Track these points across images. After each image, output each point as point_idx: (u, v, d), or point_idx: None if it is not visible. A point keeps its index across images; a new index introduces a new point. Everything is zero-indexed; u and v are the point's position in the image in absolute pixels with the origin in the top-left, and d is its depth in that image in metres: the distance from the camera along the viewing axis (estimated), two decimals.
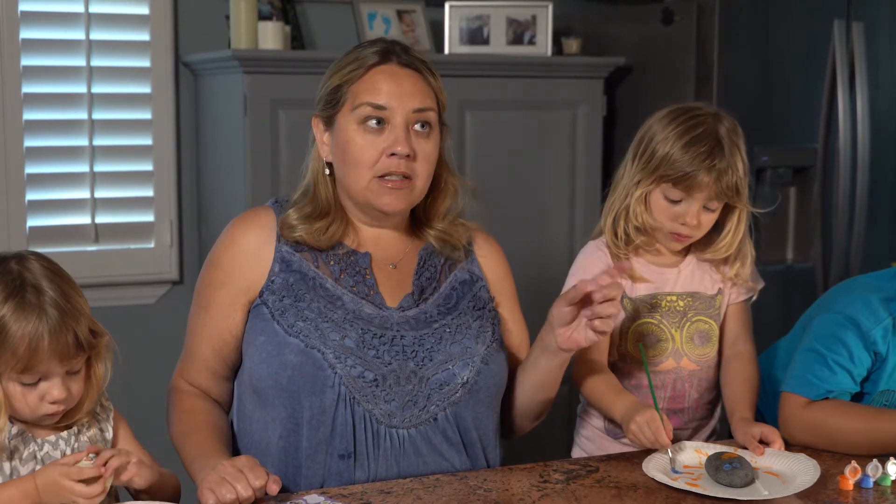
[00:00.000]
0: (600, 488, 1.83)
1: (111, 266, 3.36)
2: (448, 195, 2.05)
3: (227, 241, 2.00)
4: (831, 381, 2.02)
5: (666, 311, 2.15)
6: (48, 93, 3.27)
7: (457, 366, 1.93)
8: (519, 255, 3.37)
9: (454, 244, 2.05)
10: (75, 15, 3.28)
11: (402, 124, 1.92)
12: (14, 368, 1.62)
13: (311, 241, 1.95)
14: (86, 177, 3.32)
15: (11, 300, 1.63)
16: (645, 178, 2.09)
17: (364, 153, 1.92)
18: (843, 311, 2.06)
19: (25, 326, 1.61)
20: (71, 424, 1.73)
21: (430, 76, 1.98)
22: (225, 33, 3.36)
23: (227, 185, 3.26)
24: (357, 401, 1.86)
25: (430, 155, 1.96)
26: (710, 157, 2.03)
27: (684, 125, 2.07)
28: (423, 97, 1.95)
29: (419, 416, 1.89)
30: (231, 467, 1.72)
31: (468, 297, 2.02)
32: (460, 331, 1.96)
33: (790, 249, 3.61)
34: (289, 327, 1.89)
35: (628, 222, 2.12)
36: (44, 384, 1.65)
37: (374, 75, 1.94)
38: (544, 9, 3.48)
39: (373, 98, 1.92)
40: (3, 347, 1.61)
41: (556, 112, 3.49)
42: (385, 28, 3.47)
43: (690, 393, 2.17)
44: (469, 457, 1.94)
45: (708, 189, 2.05)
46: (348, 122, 1.94)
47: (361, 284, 1.96)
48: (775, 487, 1.82)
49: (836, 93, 3.46)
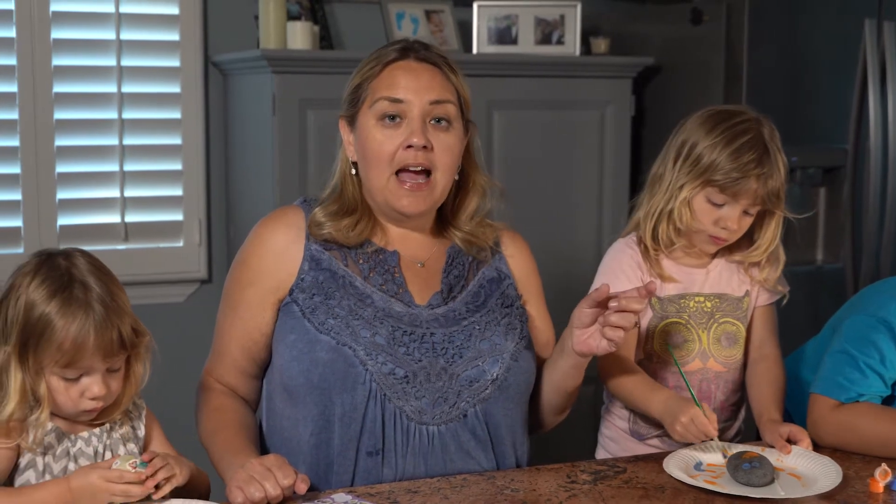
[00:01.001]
0: (627, 489, 1.82)
1: (140, 265, 3.38)
2: (476, 194, 2.05)
3: (255, 240, 2.00)
4: (862, 384, 2.01)
5: (694, 312, 2.15)
6: (79, 92, 3.29)
7: (487, 362, 1.93)
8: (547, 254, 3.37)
9: (480, 245, 2.05)
10: (106, 15, 3.30)
11: (419, 117, 1.92)
12: (59, 363, 1.63)
13: (339, 238, 1.96)
14: (115, 176, 3.34)
15: (59, 296, 1.64)
16: (690, 181, 2.09)
17: (382, 148, 1.92)
18: (876, 313, 2.04)
19: (72, 322, 1.62)
20: (104, 421, 1.74)
21: (450, 71, 1.98)
22: (254, 33, 3.38)
23: (256, 185, 3.27)
24: (388, 397, 1.86)
25: (451, 147, 1.95)
26: (760, 164, 2.05)
27: (731, 131, 2.07)
28: (441, 90, 1.95)
29: (449, 413, 1.89)
30: (259, 465, 1.72)
31: (496, 294, 2.03)
32: (489, 328, 1.97)
33: (820, 250, 3.59)
34: (319, 325, 1.90)
35: (670, 224, 2.12)
36: (85, 380, 1.66)
37: (392, 71, 1.95)
38: (573, 8, 3.48)
39: (390, 92, 1.93)
40: (49, 342, 1.62)
41: (585, 112, 3.48)
42: (413, 28, 3.47)
43: (716, 395, 2.17)
44: (496, 455, 1.94)
45: (754, 195, 2.07)
46: (368, 119, 1.95)
47: (390, 283, 1.96)
48: (794, 489, 1.81)
49: (866, 93, 3.43)
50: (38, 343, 1.63)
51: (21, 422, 1.65)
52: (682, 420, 1.93)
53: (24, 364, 1.64)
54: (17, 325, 1.64)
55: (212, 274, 3.50)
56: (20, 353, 1.64)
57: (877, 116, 3.43)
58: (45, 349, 1.63)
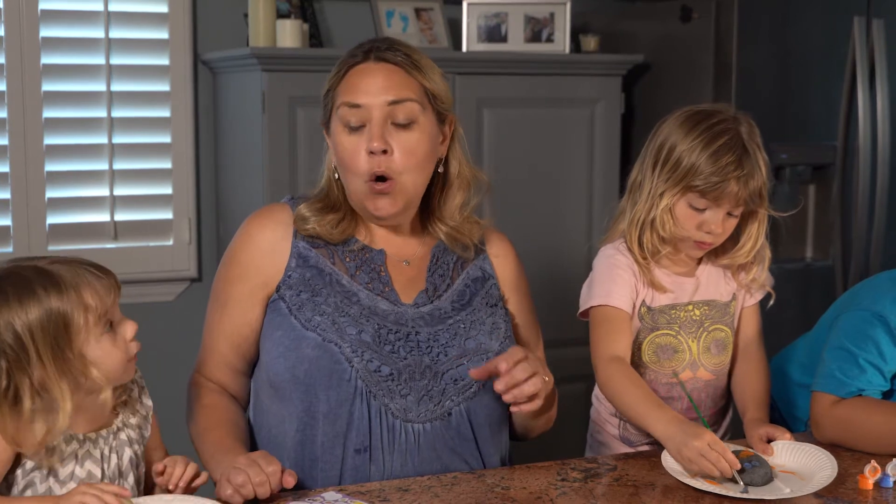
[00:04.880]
0: (618, 487, 1.82)
1: (130, 263, 3.37)
2: (462, 188, 2.03)
3: (243, 236, 2.00)
4: (861, 379, 2.00)
5: (684, 322, 2.12)
6: (67, 91, 3.28)
7: (471, 361, 1.93)
8: (536, 252, 3.38)
9: (465, 243, 2.04)
10: (94, 13, 3.29)
11: (380, 120, 1.90)
12: (93, 327, 1.61)
13: (323, 234, 1.96)
14: (105, 174, 3.34)
15: (50, 287, 1.60)
16: (670, 188, 2.04)
17: (350, 156, 1.91)
18: (871, 307, 2.04)
19: (79, 291, 1.60)
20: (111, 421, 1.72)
21: (412, 68, 1.94)
22: (243, 31, 3.37)
23: (246, 183, 3.26)
24: (373, 395, 1.87)
25: (414, 148, 1.91)
26: (740, 166, 2.00)
27: (708, 133, 2.02)
28: (400, 89, 1.91)
29: (434, 411, 1.89)
30: (245, 458, 1.74)
31: (481, 293, 2.03)
32: (474, 326, 1.97)
33: (809, 248, 3.59)
34: (306, 321, 1.90)
35: (654, 232, 2.07)
36: (119, 328, 1.66)
37: (352, 75, 1.93)
38: (562, 6, 3.48)
39: (349, 98, 1.91)
40: (71, 324, 1.59)
41: (574, 110, 3.48)
42: (403, 26, 3.47)
43: (706, 402, 2.16)
44: (482, 454, 1.94)
45: (736, 197, 2.02)
46: (336, 126, 1.94)
47: (376, 281, 1.96)
48: (795, 484, 1.80)
49: (855, 90, 3.43)
50: (68, 334, 1.60)
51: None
52: (696, 444, 1.79)
53: (65, 366, 1.60)
54: (33, 342, 1.59)
55: (202, 272, 3.49)
56: (55, 359, 1.59)
57: (866, 113, 3.43)
58: (75, 334, 1.60)
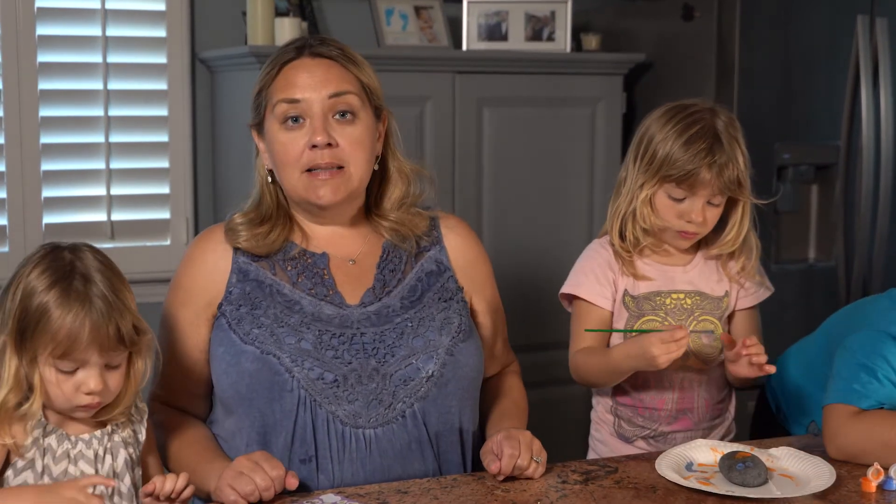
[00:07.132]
0: (619, 489, 1.81)
1: (127, 263, 3.27)
2: (399, 182, 2.01)
3: (186, 261, 2.00)
4: (881, 392, 1.93)
5: (672, 309, 2.14)
6: (64, 89, 3.27)
7: (420, 360, 1.90)
8: (536, 252, 3.37)
9: (405, 235, 2.00)
10: (91, 11, 3.27)
11: (320, 114, 1.89)
12: (52, 353, 1.62)
13: (251, 248, 1.94)
14: (102, 174, 3.32)
15: (58, 286, 1.63)
16: (648, 179, 2.10)
17: (288, 151, 1.90)
18: (880, 327, 1.99)
19: (67, 313, 1.61)
20: (105, 423, 1.72)
21: (348, 62, 1.94)
22: (241, 29, 3.35)
23: (243, 182, 3.23)
24: (318, 403, 1.84)
25: (359, 140, 1.91)
26: (710, 153, 2.04)
27: (682, 123, 2.08)
28: (339, 82, 1.91)
29: (386, 415, 1.86)
30: (247, 461, 1.72)
31: (434, 288, 1.99)
32: (423, 324, 1.93)
33: (812, 248, 3.57)
34: (244, 335, 1.88)
35: (635, 225, 2.13)
36: (81, 374, 1.64)
37: (287, 72, 1.93)
38: (563, 5, 3.46)
39: (287, 93, 1.91)
40: (44, 331, 1.62)
41: (576, 109, 3.47)
42: (402, 24, 3.45)
43: (700, 392, 2.16)
44: (438, 456, 1.90)
45: (711, 185, 2.06)
46: (272, 124, 1.93)
47: (320, 286, 1.94)
48: (788, 489, 1.79)
49: (859, 89, 3.41)
50: (34, 331, 1.62)
51: (13, 411, 1.64)
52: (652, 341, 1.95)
53: (20, 352, 1.64)
54: (15, 313, 1.64)
55: None
56: (17, 340, 1.64)
57: (869, 113, 3.41)
58: (40, 338, 1.62)
